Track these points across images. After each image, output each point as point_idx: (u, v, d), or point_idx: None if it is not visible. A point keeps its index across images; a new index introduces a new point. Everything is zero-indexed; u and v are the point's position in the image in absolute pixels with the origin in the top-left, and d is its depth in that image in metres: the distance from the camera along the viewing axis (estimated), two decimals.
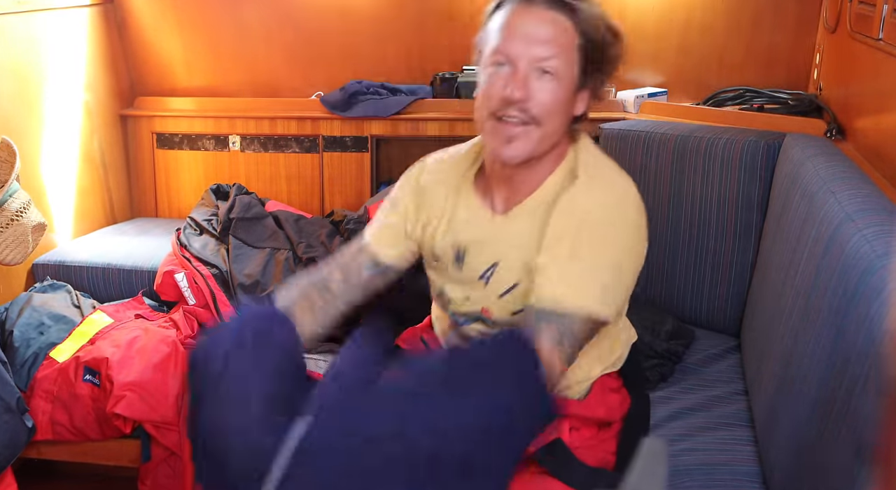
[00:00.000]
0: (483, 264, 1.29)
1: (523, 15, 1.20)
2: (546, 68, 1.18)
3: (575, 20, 1.20)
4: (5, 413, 1.87)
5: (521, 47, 1.18)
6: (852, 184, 1.39)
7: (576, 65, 1.21)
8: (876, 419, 0.88)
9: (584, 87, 1.23)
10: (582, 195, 1.23)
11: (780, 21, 2.42)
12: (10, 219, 2.05)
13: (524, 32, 1.19)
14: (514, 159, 1.22)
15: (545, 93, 1.19)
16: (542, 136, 1.21)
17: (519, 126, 1.19)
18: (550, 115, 1.20)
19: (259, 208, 2.54)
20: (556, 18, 1.19)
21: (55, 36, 2.52)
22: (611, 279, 1.18)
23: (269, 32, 2.76)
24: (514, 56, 1.19)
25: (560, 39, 1.19)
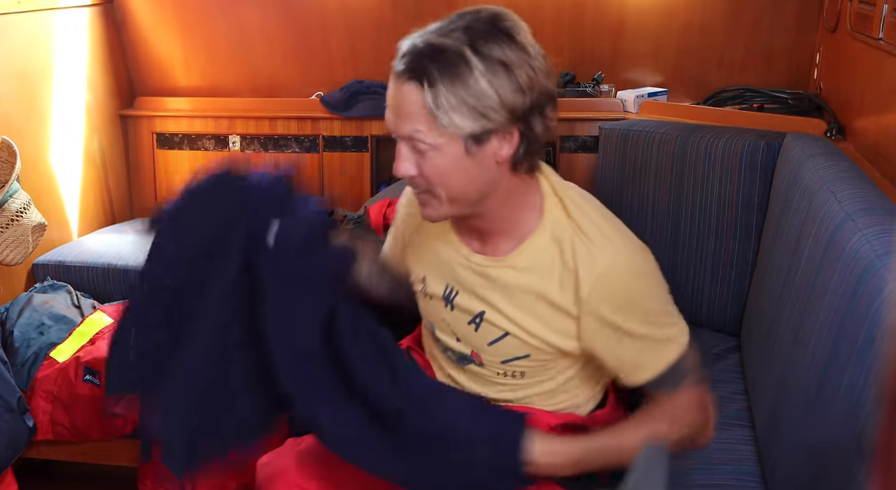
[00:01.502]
0: (470, 311, 1.25)
1: (392, 89, 1.12)
2: (417, 147, 1.10)
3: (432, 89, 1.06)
4: (6, 413, 1.87)
5: (393, 123, 1.12)
6: (852, 183, 1.39)
7: (447, 132, 1.07)
8: (876, 419, 0.88)
9: (486, 139, 1.09)
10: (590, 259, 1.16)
11: (780, 21, 2.42)
12: (10, 219, 2.06)
13: (392, 106, 1.12)
14: (432, 220, 1.19)
15: (426, 167, 1.11)
16: (449, 200, 1.14)
17: (422, 194, 1.15)
18: (443, 184, 1.12)
19: None
20: (411, 90, 1.07)
21: (55, 36, 2.52)
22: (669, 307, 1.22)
23: (270, 32, 2.76)
24: (393, 132, 1.13)
25: (417, 113, 1.08)
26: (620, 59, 2.58)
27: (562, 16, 2.56)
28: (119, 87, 2.84)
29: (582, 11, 2.55)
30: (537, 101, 1.10)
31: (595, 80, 2.56)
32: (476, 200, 1.16)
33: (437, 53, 1.06)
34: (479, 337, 1.26)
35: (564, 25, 2.57)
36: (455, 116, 1.06)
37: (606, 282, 1.16)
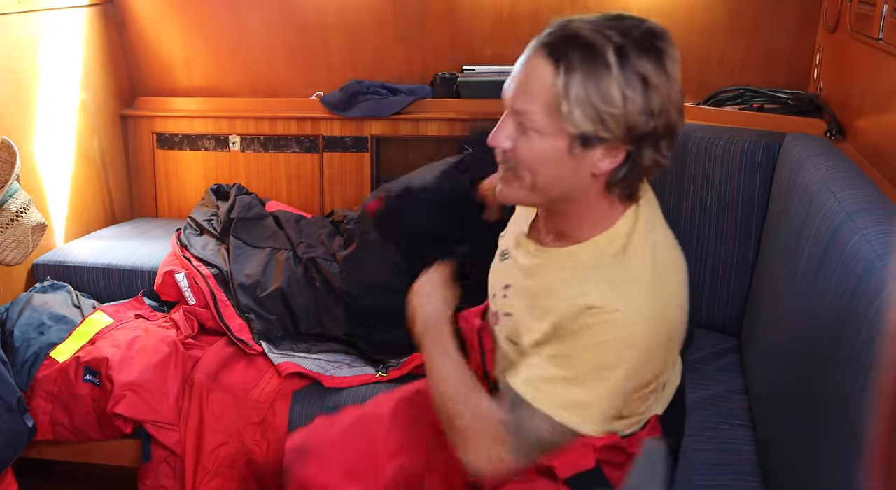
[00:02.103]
0: (506, 278, 1.27)
1: (524, 63, 1.09)
2: (524, 124, 1.07)
3: (566, 74, 1.03)
4: (6, 413, 1.87)
5: (508, 94, 1.10)
6: (852, 183, 1.39)
7: (563, 122, 1.04)
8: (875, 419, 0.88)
9: (592, 145, 1.05)
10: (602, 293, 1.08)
11: (780, 21, 2.42)
12: (10, 219, 2.05)
13: (513, 77, 1.10)
14: (503, 200, 1.19)
15: (524, 148, 1.08)
16: (531, 187, 1.11)
17: (507, 171, 1.13)
18: (533, 170, 1.09)
19: (259, 208, 2.55)
20: (544, 69, 1.05)
21: (55, 36, 2.52)
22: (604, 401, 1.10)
23: (270, 32, 2.76)
24: (504, 102, 1.11)
25: (541, 92, 1.05)
26: None
27: (562, 15, 2.56)
28: (119, 87, 2.84)
29: (582, 12, 2.54)
30: (659, 130, 1.05)
31: None
32: (555, 199, 1.13)
33: (584, 44, 1.03)
34: (502, 303, 1.28)
35: None
36: (576, 110, 1.03)
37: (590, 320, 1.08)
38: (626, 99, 1.02)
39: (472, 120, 2.50)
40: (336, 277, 2.20)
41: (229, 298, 2.19)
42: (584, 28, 1.05)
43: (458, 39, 2.66)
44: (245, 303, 2.17)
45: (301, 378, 1.99)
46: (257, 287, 2.20)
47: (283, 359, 2.03)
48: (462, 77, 2.61)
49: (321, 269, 2.22)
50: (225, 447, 1.94)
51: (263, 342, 2.09)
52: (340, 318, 2.18)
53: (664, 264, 1.12)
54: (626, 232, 1.13)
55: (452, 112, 2.61)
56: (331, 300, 2.19)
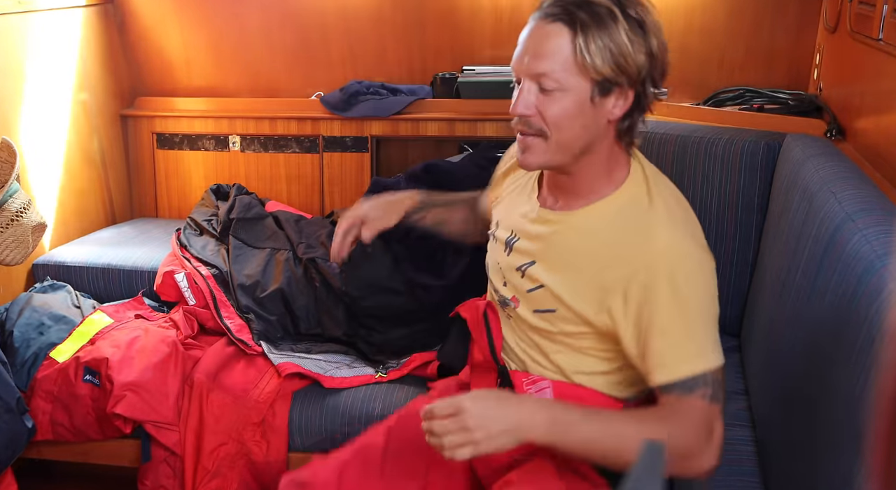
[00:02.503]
0: (523, 257, 1.33)
1: (530, 30, 1.22)
2: (545, 85, 1.19)
3: (574, 31, 1.17)
4: (5, 413, 1.87)
5: (523, 64, 1.21)
6: (852, 184, 1.39)
7: (582, 75, 1.18)
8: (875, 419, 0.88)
9: (608, 93, 1.20)
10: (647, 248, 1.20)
11: (780, 21, 2.42)
12: (10, 219, 2.05)
13: (526, 48, 1.22)
14: (529, 167, 1.27)
15: (550, 107, 1.20)
16: (556, 146, 1.22)
17: (530, 137, 1.23)
18: (559, 126, 1.21)
19: (259, 208, 2.54)
20: (555, 31, 1.19)
21: (55, 36, 2.52)
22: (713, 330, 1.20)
23: (270, 32, 2.76)
24: (520, 73, 1.22)
25: (558, 53, 1.18)
26: None
27: None
28: (119, 87, 2.84)
29: None
30: (658, 69, 1.22)
31: None
32: (578, 154, 1.24)
33: (588, 4, 1.18)
34: (521, 283, 1.33)
35: None
36: (596, 59, 1.17)
37: (659, 263, 1.18)
38: (632, 43, 1.18)
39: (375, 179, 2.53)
40: (336, 278, 2.20)
41: (229, 299, 2.19)
42: None
43: (458, 40, 2.66)
44: (245, 303, 2.17)
45: (301, 378, 1.99)
46: (257, 287, 2.20)
47: (283, 359, 2.03)
48: (462, 77, 2.61)
49: (321, 270, 2.22)
50: (225, 447, 1.94)
51: (263, 342, 2.09)
52: (340, 318, 2.17)
53: (685, 205, 1.29)
54: (643, 180, 1.27)
55: (452, 112, 2.61)
56: (330, 300, 2.19)
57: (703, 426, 1.16)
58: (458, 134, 2.63)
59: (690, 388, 1.17)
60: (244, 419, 1.95)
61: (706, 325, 1.20)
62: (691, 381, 1.17)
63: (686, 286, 1.18)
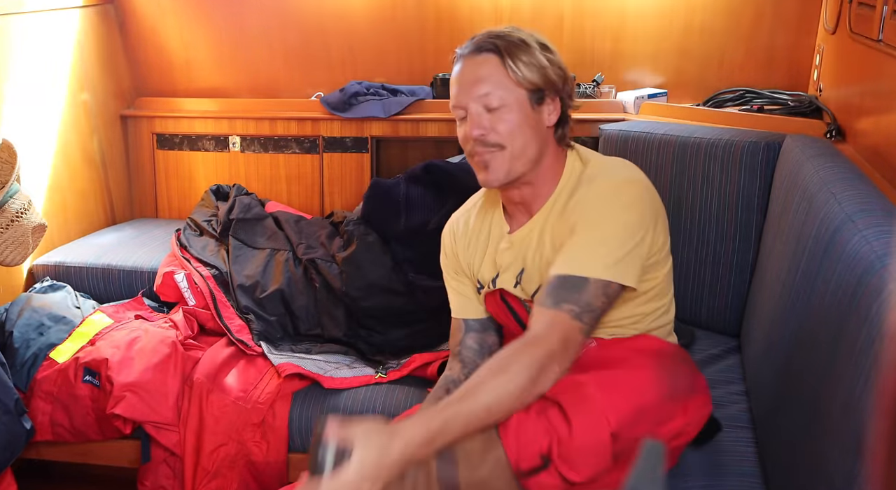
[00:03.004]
0: (512, 275, 1.45)
1: (461, 67, 1.42)
2: (490, 104, 1.36)
3: (500, 55, 1.36)
4: (3, 415, 1.87)
5: (465, 94, 1.39)
6: (852, 184, 1.39)
7: (518, 89, 1.36)
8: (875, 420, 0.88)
9: (542, 101, 1.39)
10: (584, 191, 1.37)
11: (780, 22, 2.42)
12: (10, 220, 2.05)
13: (464, 81, 1.40)
14: (495, 181, 1.39)
15: (500, 122, 1.36)
16: (512, 156, 1.37)
17: (488, 153, 1.38)
18: (512, 137, 1.36)
19: (259, 209, 2.55)
20: (485, 59, 1.38)
21: (55, 36, 2.53)
22: (616, 247, 1.28)
23: (270, 33, 2.76)
24: (463, 104, 1.40)
25: (493, 74, 1.37)
26: (621, 60, 2.58)
27: (562, 17, 2.57)
28: (119, 88, 2.84)
29: (582, 13, 2.55)
30: (570, 83, 1.44)
31: (595, 81, 2.56)
32: (534, 159, 1.39)
33: (504, 36, 1.38)
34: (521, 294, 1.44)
35: (565, 26, 2.57)
36: (525, 72, 1.36)
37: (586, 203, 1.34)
38: (548, 60, 1.39)
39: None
40: (336, 278, 2.20)
41: (229, 299, 2.19)
42: (493, 33, 1.40)
43: (458, 40, 2.64)
44: (244, 303, 2.17)
45: (301, 379, 1.99)
46: (257, 288, 2.20)
47: (283, 360, 2.02)
48: None
49: (321, 271, 2.22)
50: (224, 448, 1.94)
51: (263, 343, 2.09)
52: (340, 319, 2.18)
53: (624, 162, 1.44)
54: (578, 164, 1.44)
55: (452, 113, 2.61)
56: (330, 301, 2.19)
57: (559, 342, 1.21)
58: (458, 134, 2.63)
59: (562, 299, 1.24)
60: (244, 420, 1.94)
61: (615, 241, 1.28)
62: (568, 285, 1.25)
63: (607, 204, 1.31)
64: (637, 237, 1.30)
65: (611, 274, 1.27)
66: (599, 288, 1.26)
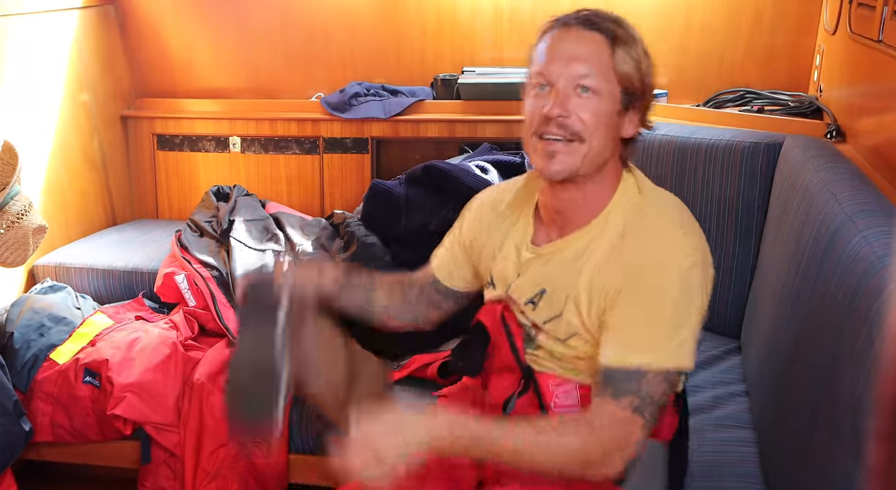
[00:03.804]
0: (531, 290, 1.31)
1: (561, 37, 1.23)
2: (585, 84, 1.20)
3: (611, 41, 1.21)
4: (2, 417, 1.87)
5: (560, 67, 1.21)
6: (852, 185, 1.39)
7: (616, 84, 1.22)
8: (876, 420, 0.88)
9: (629, 107, 1.24)
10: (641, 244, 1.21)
11: (780, 22, 2.42)
12: (11, 221, 2.05)
13: (562, 52, 1.22)
14: (557, 175, 1.22)
15: (586, 109, 1.20)
16: (585, 153, 1.21)
17: (560, 142, 1.21)
18: (593, 131, 1.20)
19: (259, 210, 2.55)
20: (593, 38, 1.21)
21: (56, 37, 2.53)
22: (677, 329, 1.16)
23: (270, 34, 2.76)
24: (553, 76, 1.21)
25: (598, 57, 1.21)
26: None
27: None
28: (120, 89, 2.85)
29: None
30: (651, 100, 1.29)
31: None
32: (599, 165, 1.24)
33: (618, 22, 1.25)
34: (535, 315, 1.30)
35: None
36: (629, 67, 1.22)
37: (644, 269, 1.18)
38: (648, 65, 1.26)
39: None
40: None
41: (229, 300, 2.19)
42: (605, 14, 1.25)
43: (458, 41, 2.66)
44: None
45: None
46: None
47: None
48: (462, 78, 2.61)
49: None
50: (225, 449, 1.94)
51: None
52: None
53: (682, 209, 1.29)
54: (634, 191, 1.28)
55: (453, 113, 2.61)
56: None
57: (616, 439, 1.13)
58: (459, 135, 2.63)
59: (622, 390, 1.14)
60: None
61: (676, 321, 1.16)
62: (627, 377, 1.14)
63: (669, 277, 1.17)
64: (697, 316, 1.18)
65: (672, 361, 1.15)
66: (660, 376, 1.14)
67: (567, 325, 1.27)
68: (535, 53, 1.26)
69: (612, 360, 1.16)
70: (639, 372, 1.14)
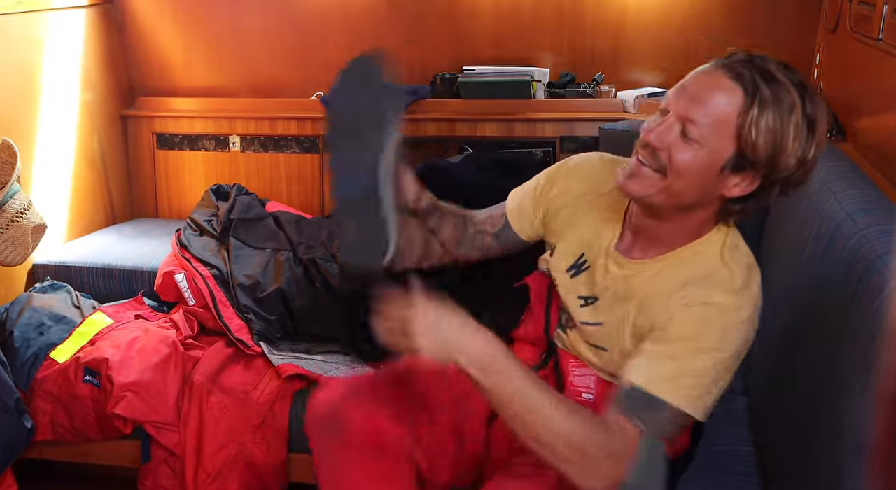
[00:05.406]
0: (585, 291, 1.32)
1: (705, 75, 1.19)
2: (689, 132, 1.15)
3: (749, 98, 1.13)
4: (4, 415, 1.87)
5: (681, 102, 1.17)
6: (852, 183, 1.39)
7: (731, 142, 1.13)
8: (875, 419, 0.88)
9: (741, 171, 1.15)
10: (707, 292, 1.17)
11: (780, 21, 2.41)
12: (10, 220, 2.05)
13: (690, 89, 1.18)
14: (630, 193, 1.21)
15: (681, 153, 1.15)
16: (664, 188, 1.17)
17: (646, 168, 1.19)
18: (679, 173, 1.15)
19: (259, 209, 2.54)
20: (730, 88, 1.14)
21: (55, 36, 2.52)
22: (709, 384, 1.15)
23: (270, 32, 2.76)
24: (671, 108, 1.19)
25: (720, 110, 1.14)
26: (620, 59, 2.58)
27: (562, 16, 2.56)
28: (119, 88, 2.84)
29: (582, 11, 2.55)
30: (800, 177, 1.16)
31: (595, 80, 2.56)
32: (679, 207, 1.20)
33: (776, 82, 1.14)
34: (579, 313, 1.32)
35: (565, 25, 2.57)
36: (758, 137, 1.11)
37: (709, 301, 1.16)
38: (795, 141, 1.12)
39: None
40: (336, 278, 2.20)
41: (229, 299, 2.19)
42: (771, 64, 1.18)
43: (458, 39, 2.66)
44: (244, 303, 2.16)
45: (301, 379, 1.98)
46: (257, 288, 2.20)
47: (283, 360, 2.02)
48: (462, 77, 2.61)
49: (321, 270, 2.22)
50: (225, 450, 1.93)
51: (263, 343, 2.08)
52: (340, 318, 2.17)
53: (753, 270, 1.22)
54: (720, 241, 1.23)
55: (453, 112, 2.61)
56: (331, 300, 2.19)
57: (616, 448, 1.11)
58: (459, 134, 2.63)
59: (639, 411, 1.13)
60: (244, 421, 1.94)
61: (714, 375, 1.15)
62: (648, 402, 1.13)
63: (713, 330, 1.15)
64: (727, 378, 1.17)
65: (692, 408, 1.14)
66: (677, 417, 1.14)
67: (602, 337, 1.29)
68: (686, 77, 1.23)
69: (641, 382, 1.14)
70: (661, 403, 1.13)
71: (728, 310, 1.16)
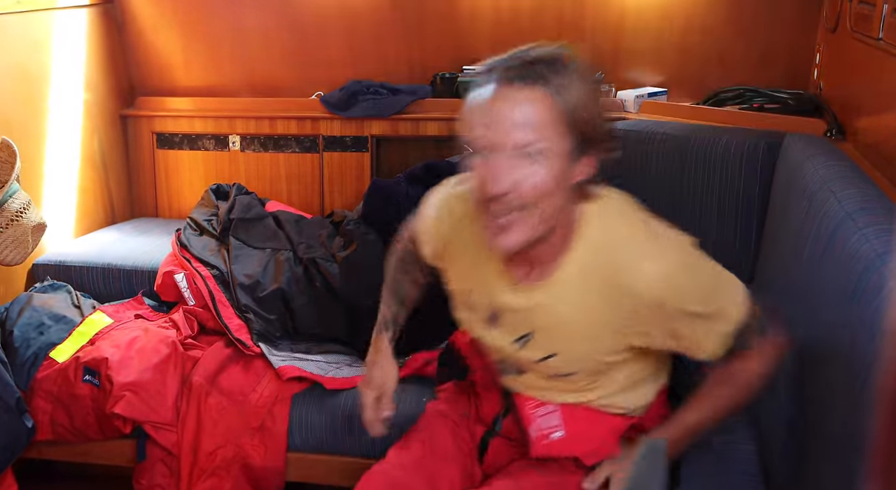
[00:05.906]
0: (516, 332, 1.29)
1: (500, 99, 1.10)
2: (530, 153, 1.09)
3: (554, 91, 1.09)
4: (5, 413, 1.87)
5: (501, 135, 1.10)
6: (852, 183, 1.39)
7: (567, 135, 1.11)
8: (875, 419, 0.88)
9: (584, 153, 1.14)
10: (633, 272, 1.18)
11: (780, 20, 2.42)
12: (10, 219, 2.05)
13: (501, 119, 1.10)
14: (510, 249, 1.15)
15: (532, 178, 1.10)
16: (539, 219, 1.13)
17: (511, 215, 1.13)
18: (542, 197, 1.11)
19: (259, 208, 2.54)
20: (534, 96, 1.09)
21: (55, 36, 2.52)
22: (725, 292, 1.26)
23: (269, 32, 2.76)
24: (494, 144, 1.11)
25: (541, 116, 1.09)
26: (620, 58, 2.58)
27: (562, 15, 2.56)
28: (119, 87, 2.84)
29: (582, 11, 2.55)
30: (609, 129, 1.19)
31: None
32: (552, 225, 1.17)
33: (555, 63, 1.11)
34: (525, 354, 1.29)
35: (564, 25, 2.56)
36: (580, 115, 1.10)
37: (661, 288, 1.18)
38: (597, 102, 1.15)
39: None
40: (336, 278, 2.20)
41: (229, 299, 2.19)
42: (538, 51, 1.13)
43: (458, 39, 2.66)
44: (244, 302, 2.16)
45: (300, 381, 1.98)
46: (257, 287, 2.20)
47: (283, 361, 2.02)
48: (462, 77, 2.60)
49: (321, 270, 2.22)
50: (222, 450, 1.93)
51: (262, 344, 2.08)
52: (340, 318, 2.17)
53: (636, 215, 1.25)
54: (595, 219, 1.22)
55: (453, 112, 2.58)
56: (330, 300, 2.19)
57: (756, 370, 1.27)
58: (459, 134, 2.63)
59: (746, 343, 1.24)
60: (242, 423, 1.94)
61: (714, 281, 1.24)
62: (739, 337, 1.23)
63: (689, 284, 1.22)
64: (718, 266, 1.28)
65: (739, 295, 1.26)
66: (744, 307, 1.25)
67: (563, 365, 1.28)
68: (470, 112, 1.14)
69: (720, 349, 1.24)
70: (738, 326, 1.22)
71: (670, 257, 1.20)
